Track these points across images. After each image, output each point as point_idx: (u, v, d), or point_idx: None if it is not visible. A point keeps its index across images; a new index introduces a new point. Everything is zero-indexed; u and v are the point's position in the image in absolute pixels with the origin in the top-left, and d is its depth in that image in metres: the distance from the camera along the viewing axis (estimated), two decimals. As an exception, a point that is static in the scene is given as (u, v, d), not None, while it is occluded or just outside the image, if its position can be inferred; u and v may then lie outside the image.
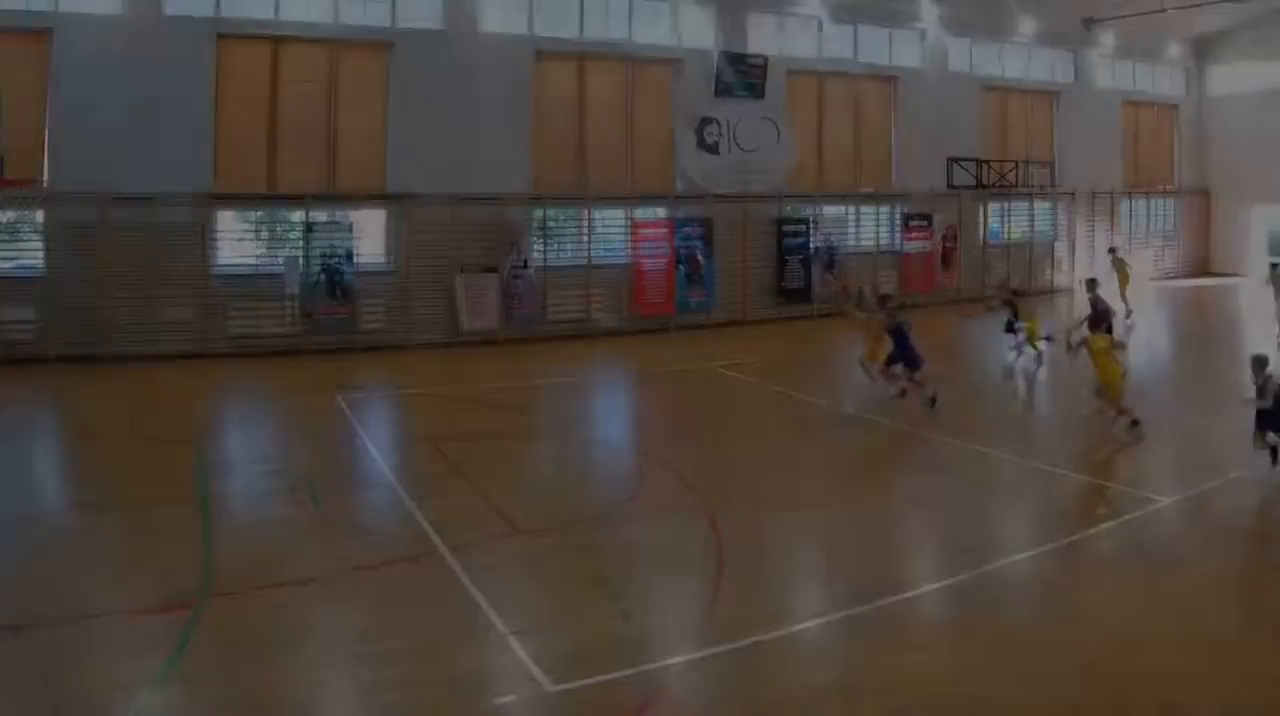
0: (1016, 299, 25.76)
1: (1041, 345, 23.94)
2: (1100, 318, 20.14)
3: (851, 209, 35.79)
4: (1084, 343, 17.50)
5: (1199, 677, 8.82)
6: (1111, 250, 34.40)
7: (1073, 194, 41.16)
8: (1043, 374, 23.25)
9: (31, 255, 25.02)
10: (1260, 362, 14.73)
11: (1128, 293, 31.91)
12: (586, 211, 30.82)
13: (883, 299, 21.55)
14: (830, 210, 35.13)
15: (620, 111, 31.71)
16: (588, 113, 31.17)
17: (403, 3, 28.22)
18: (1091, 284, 23.83)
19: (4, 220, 24.57)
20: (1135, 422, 16.96)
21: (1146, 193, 44.76)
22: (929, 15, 36.68)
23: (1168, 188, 45.78)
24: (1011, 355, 24.70)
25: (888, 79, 36.61)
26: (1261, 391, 14.39)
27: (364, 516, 13.71)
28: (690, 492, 14.38)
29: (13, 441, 18.00)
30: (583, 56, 30.94)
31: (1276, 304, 28.04)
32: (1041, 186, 39.60)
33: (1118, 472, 15.35)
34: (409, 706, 8.47)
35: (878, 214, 36.17)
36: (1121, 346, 17.97)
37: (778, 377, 23.36)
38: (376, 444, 17.54)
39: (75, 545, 12.14)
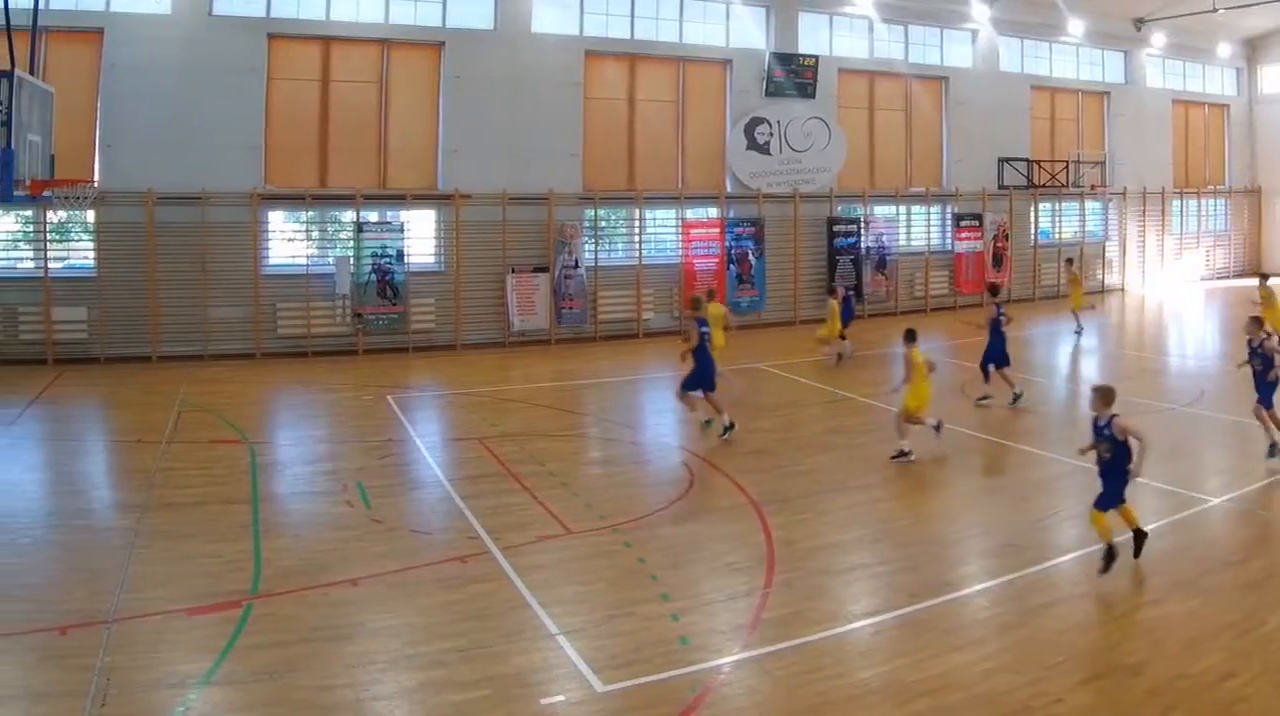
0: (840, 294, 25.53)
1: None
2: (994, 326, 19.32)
3: (902, 209, 34.28)
4: (906, 356, 15.95)
5: (1254, 677, 8.40)
6: (1069, 261, 31.66)
7: (1123, 193, 39.29)
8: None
9: (83, 255, 24.25)
10: (1104, 395, 11.04)
11: (1081, 303, 28.65)
12: (637, 211, 29.58)
13: (693, 302, 19.30)
14: (881, 210, 33.66)
15: (671, 111, 30.40)
16: (638, 112, 29.90)
17: (454, 3, 27.13)
18: (993, 290, 21.52)
19: (55, 220, 23.66)
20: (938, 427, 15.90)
21: (1197, 192, 42.68)
22: (980, 15, 34.87)
23: (1218, 187, 43.74)
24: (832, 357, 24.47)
25: (938, 79, 34.96)
26: (1099, 432, 10.87)
27: (414, 516, 13.14)
28: (740, 492, 13.81)
29: (64, 441, 17.48)
30: (633, 56, 29.68)
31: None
32: (1092, 186, 37.68)
33: (1166, 473, 14.12)
34: (458, 707, 8.12)
35: (929, 214, 34.63)
36: (932, 367, 16.04)
37: (828, 377, 22.51)
38: (427, 444, 16.88)
39: (124, 544, 11.61)
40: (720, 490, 14.06)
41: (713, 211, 30.63)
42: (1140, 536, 10.88)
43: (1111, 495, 10.75)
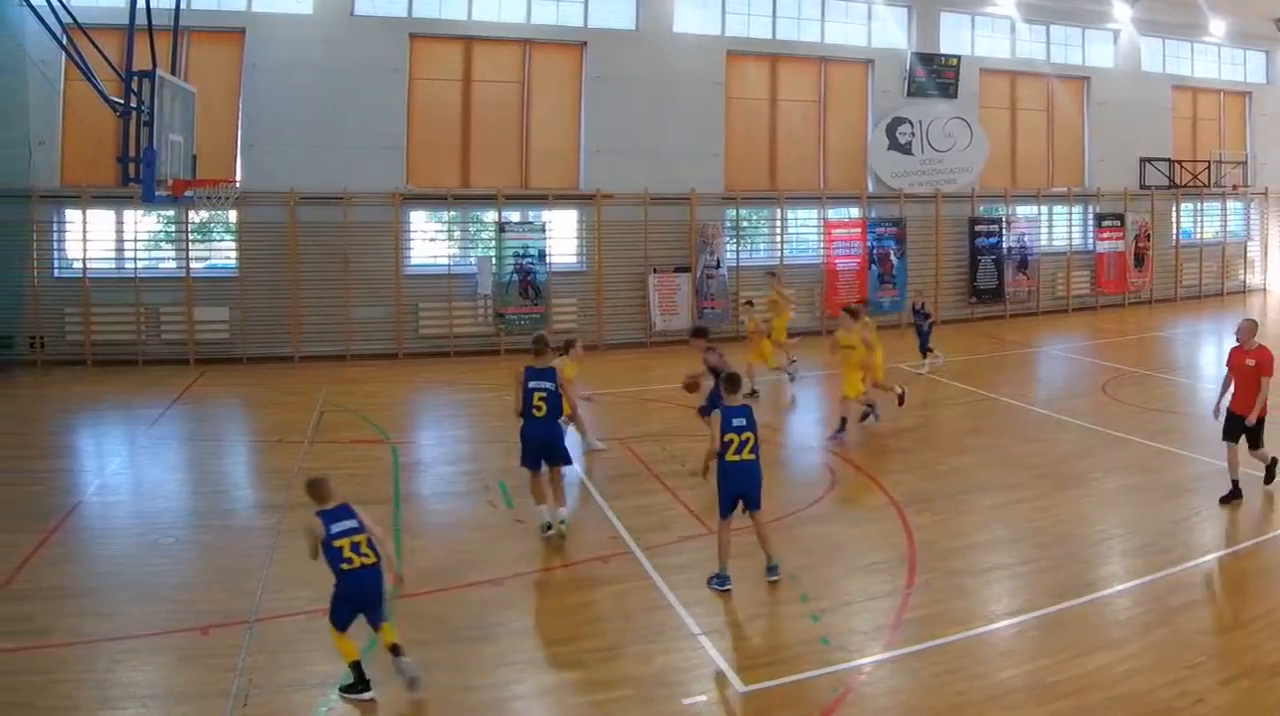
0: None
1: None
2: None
3: (1044, 209, 29.42)
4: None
5: None
6: (771, 274, 22.63)
7: (1265, 193, 33.34)
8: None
9: (224, 255, 21.26)
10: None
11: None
12: (779, 211, 25.52)
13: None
14: (1023, 210, 28.77)
15: (813, 111, 26.11)
16: (780, 112, 25.72)
17: (595, 3, 23.32)
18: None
19: (197, 220, 20.62)
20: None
21: (1340, 193, 37.01)
22: (1121, 15, 29.61)
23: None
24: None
25: (1080, 79, 29.77)
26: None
27: (556, 517, 11.53)
28: (881, 492, 12.40)
29: (206, 441, 15.73)
30: (775, 57, 25.65)
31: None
32: (1234, 186, 32.02)
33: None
34: (599, 706, 7.29)
35: (1070, 214, 29.61)
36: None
37: (969, 377, 19.64)
38: (569, 444, 13.85)
39: (266, 545, 10.50)
40: (861, 490, 12.67)
41: (854, 211, 26.20)
42: None
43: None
